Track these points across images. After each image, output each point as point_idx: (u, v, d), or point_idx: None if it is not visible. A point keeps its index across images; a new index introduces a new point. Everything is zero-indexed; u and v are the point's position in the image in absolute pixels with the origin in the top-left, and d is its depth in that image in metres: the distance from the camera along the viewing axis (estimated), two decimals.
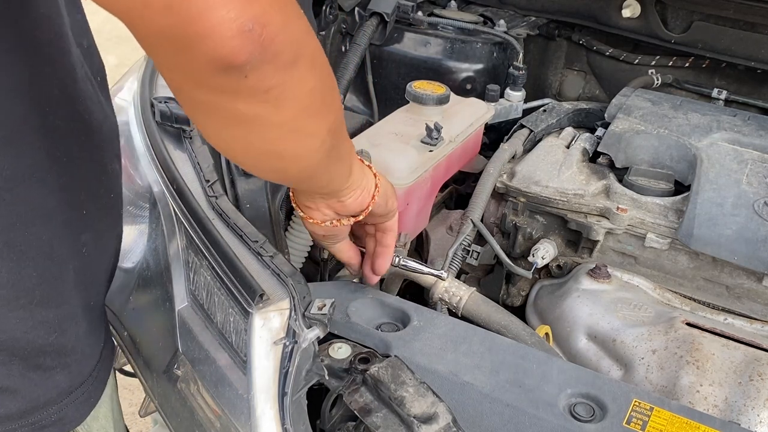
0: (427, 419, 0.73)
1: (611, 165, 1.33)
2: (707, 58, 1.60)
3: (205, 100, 0.60)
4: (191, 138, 1.08)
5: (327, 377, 0.80)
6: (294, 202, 0.89)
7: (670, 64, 1.64)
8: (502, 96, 1.55)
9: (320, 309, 0.82)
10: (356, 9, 1.58)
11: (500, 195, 1.33)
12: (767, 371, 0.99)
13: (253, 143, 0.66)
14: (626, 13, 1.62)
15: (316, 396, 0.83)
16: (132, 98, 1.23)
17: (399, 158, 1.16)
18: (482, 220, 1.27)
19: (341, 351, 0.85)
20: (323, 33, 1.51)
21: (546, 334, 1.10)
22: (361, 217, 0.88)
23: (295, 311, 0.80)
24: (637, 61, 1.66)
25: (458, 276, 1.20)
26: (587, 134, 1.43)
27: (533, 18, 1.73)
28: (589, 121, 1.53)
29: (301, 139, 0.68)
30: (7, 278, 0.69)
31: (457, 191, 1.52)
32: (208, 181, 0.99)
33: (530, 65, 1.63)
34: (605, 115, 1.43)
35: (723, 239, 1.14)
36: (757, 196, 1.18)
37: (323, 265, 1.21)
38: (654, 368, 1.03)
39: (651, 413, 0.80)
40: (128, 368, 1.19)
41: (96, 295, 0.84)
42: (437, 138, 1.21)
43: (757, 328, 1.13)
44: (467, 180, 1.51)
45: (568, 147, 1.40)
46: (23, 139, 0.66)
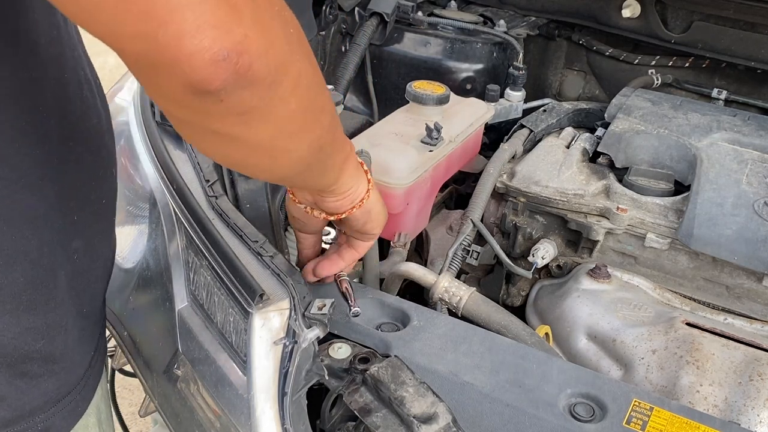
0: (427, 419, 0.73)
1: (611, 165, 1.33)
2: (707, 58, 1.60)
3: (183, 118, 0.60)
4: None
5: (327, 377, 0.80)
6: None
7: (670, 64, 1.64)
8: (502, 96, 1.55)
9: (320, 309, 0.82)
10: (356, 9, 1.58)
11: (500, 195, 1.33)
12: (767, 371, 0.99)
13: (231, 155, 0.66)
14: (626, 13, 1.62)
15: (316, 396, 0.83)
16: (132, 98, 1.23)
17: (399, 158, 1.16)
18: (482, 220, 1.27)
19: (341, 351, 0.85)
20: (323, 33, 1.51)
21: (546, 334, 1.10)
22: (332, 219, 0.87)
23: (295, 311, 0.80)
24: (637, 61, 1.66)
25: (458, 276, 1.20)
26: (587, 134, 1.43)
27: (533, 18, 1.73)
28: (589, 121, 1.53)
29: (278, 157, 0.67)
30: None
31: (457, 191, 1.52)
32: (208, 181, 0.99)
33: (530, 65, 1.63)
34: (605, 115, 1.43)
35: (723, 239, 1.14)
36: (757, 196, 1.18)
37: None
38: (654, 368, 1.03)
39: (651, 413, 0.80)
40: (128, 368, 1.19)
41: (89, 303, 0.83)
42: (437, 138, 1.21)
43: (757, 328, 1.13)
44: (467, 180, 1.51)
45: (568, 147, 1.40)
46: (13, 145, 0.66)
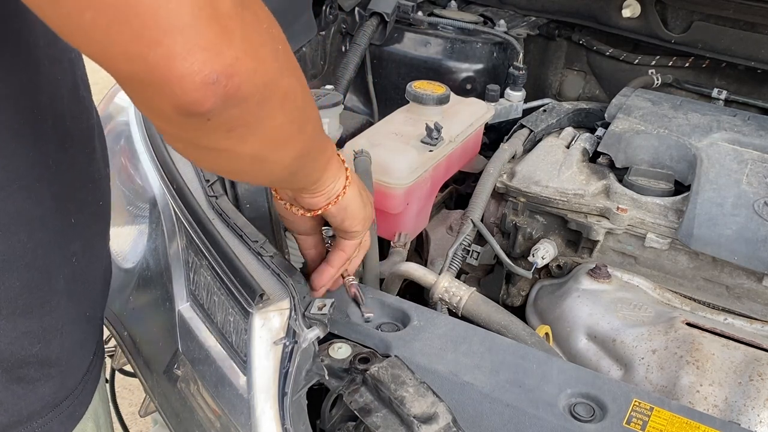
0: (427, 419, 0.73)
1: (611, 165, 1.33)
2: (707, 58, 1.60)
3: (173, 133, 0.61)
4: None
5: (327, 377, 0.80)
6: None
7: (670, 64, 1.64)
8: (502, 96, 1.55)
9: (320, 309, 0.82)
10: (356, 9, 1.58)
11: (500, 195, 1.33)
12: (767, 371, 0.99)
13: (220, 165, 0.67)
14: (626, 13, 1.62)
15: (316, 396, 0.83)
16: None
17: (399, 158, 1.16)
18: (482, 220, 1.27)
19: (341, 351, 0.85)
20: (323, 33, 1.51)
21: (546, 334, 1.10)
22: (308, 215, 0.86)
23: (295, 311, 0.80)
24: (637, 61, 1.66)
25: (458, 276, 1.20)
26: (587, 134, 1.43)
27: (533, 18, 1.73)
28: (589, 121, 1.53)
29: (264, 167, 0.68)
30: None
31: (457, 191, 1.52)
32: (208, 181, 0.99)
33: (530, 65, 1.63)
34: (605, 115, 1.43)
35: (723, 239, 1.14)
36: (757, 196, 1.18)
37: None
38: (654, 368, 1.03)
39: (651, 413, 0.80)
40: (128, 368, 1.19)
41: (89, 306, 0.82)
42: (437, 138, 1.21)
43: (757, 328, 1.13)
44: (467, 180, 1.51)
45: (568, 147, 1.40)
46: (8, 146, 0.66)
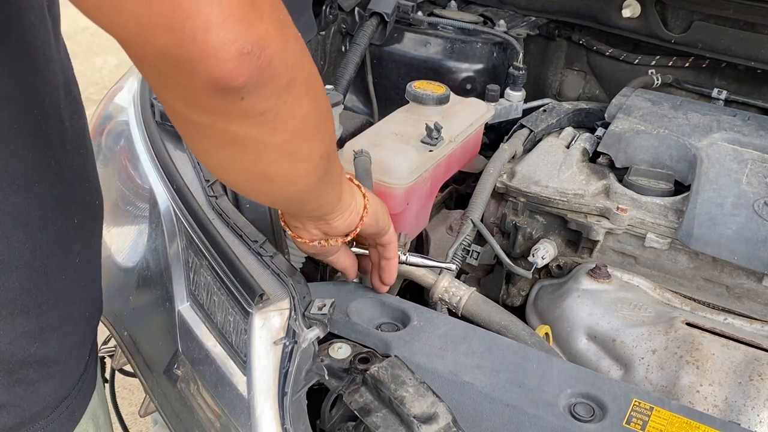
0: (427, 419, 0.73)
1: (611, 165, 1.33)
2: (707, 58, 1.60)
3: (199, 121, 0.59)
4: None
5: (327, 377, 0.80)
6: (282, 221, 0.89)
7: (670, 64, 1.64)
8: (502, 96, 1.55)
9: (320, 309, 0.82)
10: (356, 9, 1.58)
11: (500, 195, 1.33)
12: (767, 371, 0.99)
13: (245, 165, 0.65)
14: (626, 13, 1.62)
15: (316, 396, 0.83)
16: (132, 98, 1.23)
17: (399, 158, 1.16)
18: (482, 220, 1.27)
19: (341, 351, 0.85)
20: (323, 33, 1.51)
21: (546, 334, 1.10)
22: (349, 238, 0.88)
23: (295, 311, 0.80)
24: (637, 61, 1.66)
25: (458, 276, 1.20)
26: (587, 134, 1.43)
27: (533, 18, 1.73)
28: (589, 121, 1.53)
29: (293, 163, 0.67)
30: None
31: (457, 191, 1.52)
32: (208, 181, 0.99)
33: (530, 65, 1.63)
34: (605, 115, 1.43)
35: (723, 239, 1.14)
36: (757, 196, 1.18)
37: (323, 265, 1.21)
38: (654, 368, 1.03)
39: (651, 413, 0.80)
40: (128, 368, 1.19)
41: (87, 306, 0.82)
42: (437, 138, 1.21)
43: (757, 328, 1.13)
44: (467, 180, 1.51)
45: (568, 147, 1.40)
46: (8, 147, 0.65)
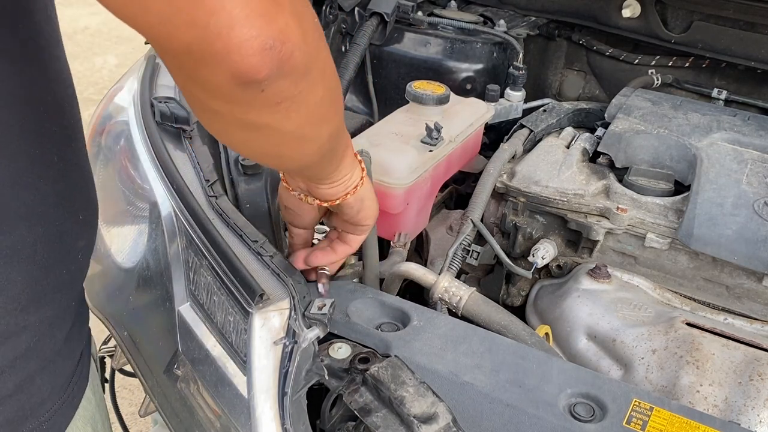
0: (427, 419, 0.73)
1: (611, 165, 1.33)
2: (707, 58, 1.60)
3: (218, 109, 0.61)
4: (191, 138, 1.08)
5: (327, 377, 0.80)
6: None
7: (670, 64, 1.64)
8: (502, 96, 1.55)
9: (320, 309, 0.82)
10: (356, 9, 1.58)
11: (500, 195, 1.33)
12: (767, 371, 0.99)
13: (258, 146, 0.69)
14: (626, 13, 1.62)
15: (316, 396, 0.83)
16: (132, 98, 1.23)
17: (399, 158, 1.16)
18: (482, 220, 1.27)
19: (341, 351, 0.85)
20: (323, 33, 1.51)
21: (546, 334, 1.10)
22: (325, 205, 0.88)
23: (295, 311, 0.80)
24: (637, 61, 1.66)
25: (458, 276, 1.20)
26: (587, 134, 1.43)
27: (533, 18, 1.73)
28: (589, 121, 1.53)
29: (302, 144, 0.70)
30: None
31: (457, 191, 1.52)
32: (208, 181, 1.00)
33: (530, 65, 1.63)
34: (605, 115, 1.43)
35: (723, 239, 1.14)
36: (757, 196, 1.18)
37: None
38: (654, 368, 1.03)
39: (651, 413, 0.80)
40: (128, 368, 1.19)
41: (80, 301, 0.83)
42: (437, 138, 1.21)
43: (757, 328, 1.13)
44: (467, 180, 1.51)
45: (568, 147, 1.40)
46: (13, 144, 0.66)
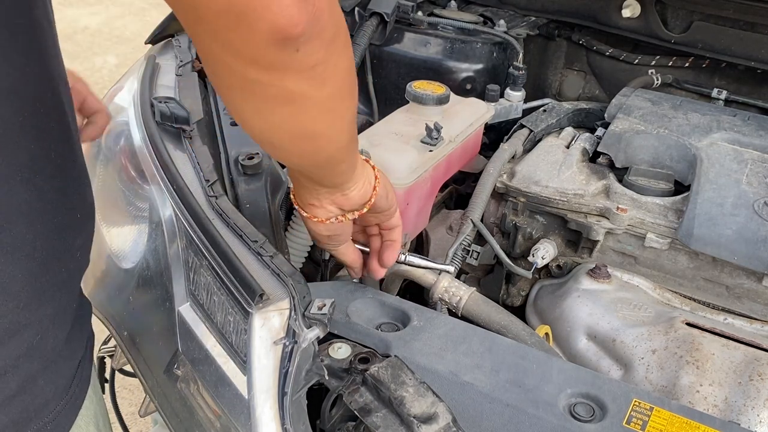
0: (427, 419, 0.73)
1: (611, 165, 1.33)
2: (707, 58, 1.60)
3: (256, 78, 0.62)
4: (191, 138, 1.08)
5: (327, 377, 0.80)
6: (297, 204, 0.89)
7: (670, 64, 1.64)
8: (502, 96, 1.55)
9: (320, 309, 0.82)
10: (356, 9, 1.58)
11: (500, 195, 1.33)
12: (767, 371, 0.99)
13: (291, 123, 0.68)
14: (626, 13, 1.62)
15: (316, 396, 0.83)
16: (132, 98, 1.23)
17: (399, 158, 1.16)
18: (482, 220, 1.28)
19: (341, 351, 0.85)
20: None
21: (546, 334, 1.10)
22: (365, 210, 0.88)
23: (295, 311, 0.80)
24: (637, 61, 1.66)
25: (458, 276, 1.20)
26: (587, 134, 1.43)
27: (533, 18, 1.73)
28: (589, 121, 1.53)
29: (335, 120, 0.71)
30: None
31: (457, 191, 1.52)
32: (208, 181, 1.00)
33: (530, 65, 1.63)
34: (605, 115, 1.43)
35: (723, 239, 1.14)
36: (757, 196, 1.18)
37: (323, 265, 1.21)
38: (654, 368, 1.03)
39: (651, 413, 0.80)
40: (128, 368, 1.19)
41: (78, 298, 0.83)
42: (437, 138, 1.21)
43: (757, 328, 1.13)
44: (467, 180, 1.51)
45: (568, 147, 1.40)
46: (12, 140, 0.66)
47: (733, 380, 0.99)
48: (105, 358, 1.35)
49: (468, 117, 1.35)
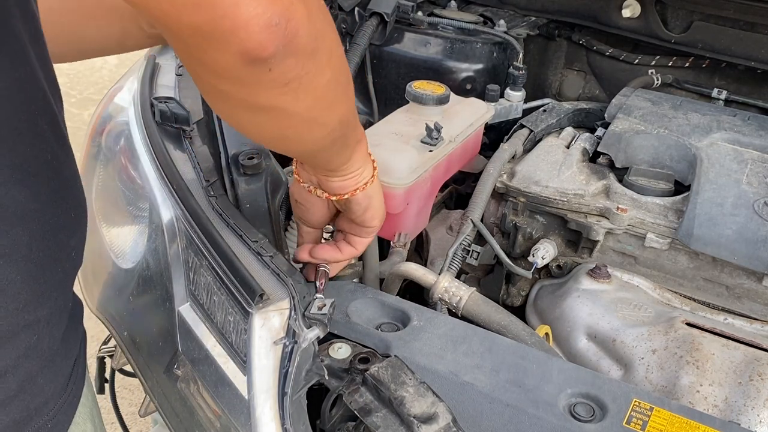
0: (427, 419, 0.73)
1: (611, 165, 1.33)
2: (707, 58, 1.60)
3: (227, 91, 0.62)
4: (191, 138, 1.08)
5: (327, 377, 0.80)
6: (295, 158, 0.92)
7: (670, 64, 1.64)
8: (502, 96, 1.55)
9: (320, 309, 0.82)
10: (356, 9, 1.58)
11: (500, 195, 1.33)
12: (767, 371, 0.99)
13: (266, 129, 0.69)
14: (626, 13, 1.62)
15: (316, 396, 0.83)
16: (132, 98, 1.23)
17: (399, 158, 1.16)
18: (482, 220, 1.27)
19: (341, 351, 0.85)
20: None
21: (546, 334, 1.10)
22: (333, 199, 0.90)
23: (295, 311, 0.80)
24: (637, 61, 1.66)
25: (458, 276, 1.20)
26: (587, 134, 1.43)
27: (533, 18, 1.73)
28: (589, 121, 1.53)
29: (312, 128, 0.70)
30: None
31: (457, 191, 1.52)
32: (208, 181, 1.00)
33: (530, 65, 1.63)
34: (605, 115, 1.43)
35: (723, 239, 1.14)
36: (757, 196, 1.18)
37: None
38: (654, 368, 1.03)
39: (651, 413, 0.80)
40: (128, 368, 1.19)
41: (71, 300, 0.83)
42: (437, 138, 1.21)
43: (757, 328, 1.13)
44: (467, 180, 1.51)
45: (568, 147, 1.40)
46: (7, 142, 0.66)
47: (733, 380, 0.99)
48: (105, 358, 1.35)
49: (468, 117, 1.35)
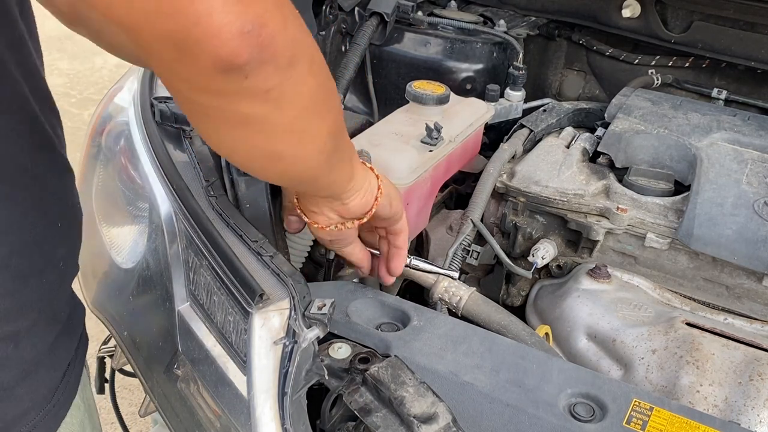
0: (427, 419, 0.73)
1: (611, 165, 1.33)
2: (707, 58, 1.60)
3: (206, 104, 0.60)
4: (191, 138, 1.08)
5: (327, 377, 0.80)
6: (298, 208, 0.89)
7: (670, 64, 1.64)
8: (502, 96, 1.55)
9: (320, 309, 0.82)
10: (356, 9, 1.58)
11: (500, 195, 1.33)
12: (767, 371, 0.99)
13: (255, 145, 0.66)
14: (626, 13, 1.62)
15: (316, 396, 0.83)
16: (132, 98, 1.23)
17: (399, 158, 1.16)
18: (482, 220, 1.27)
19: (341, 351, 0.85)
20: (323, 33, 1.51)
21: (546, 334, 1.10)
22: (365, 220, 0.88)
23: (295, 311, 0.80)
24: (637, 61, 1.66)
25: (458, 276, 1.20)
26: (587, 134, 1.43)
27: (533, 18, 1.73)
28: (589, 121, 1.53)
29: (302, 141, 0.68)
30: None
31: (457, 191, 1.52)
32: (208, 181, 1.00)
33: (530, 65, 1.63)
34: (605, 115, 1.43)
35: (723, 239, 1.14)
36: (757, 196, 1.18)
37: (327, 265, 1.21)
38: (654, 368, 1.03)
39: (651, 413, 0.80)
40: (128, 368, 1.19)
41: (65, 307, 0.81)
42: (437, 138, 1.21)
43: (757, 328, 1.13)
44: (467, 180, 1.51)
45: (568, 147, 1.40)
46: None
47: (733, 380, 0.99)
48: (105, 358, 1.35)
49: (468, 117, 1.35)
